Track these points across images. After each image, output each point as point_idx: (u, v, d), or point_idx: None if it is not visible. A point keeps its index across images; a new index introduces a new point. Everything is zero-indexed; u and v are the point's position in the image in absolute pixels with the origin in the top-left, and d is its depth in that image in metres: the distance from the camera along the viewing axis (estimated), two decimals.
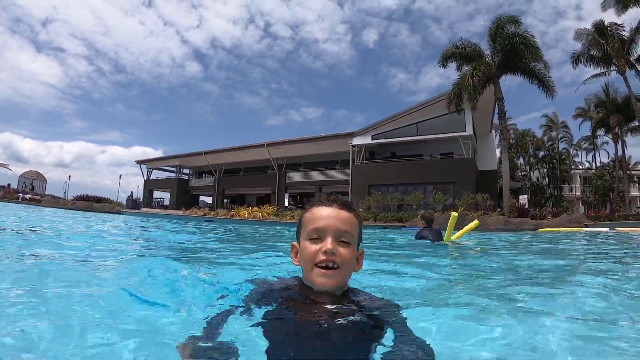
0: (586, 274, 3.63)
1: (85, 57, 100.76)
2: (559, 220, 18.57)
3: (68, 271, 2.83)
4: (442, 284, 3.09)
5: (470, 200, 25.21)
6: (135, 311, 1.85)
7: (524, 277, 3.62)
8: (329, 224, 1.58)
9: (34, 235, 6.47)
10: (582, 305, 2.21)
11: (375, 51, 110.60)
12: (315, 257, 1.55)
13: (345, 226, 1.60)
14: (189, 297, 2.06)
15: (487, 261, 5.03)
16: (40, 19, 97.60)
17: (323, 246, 1.55)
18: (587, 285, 2.84)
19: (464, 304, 2.25)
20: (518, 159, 57.64)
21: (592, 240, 10.09)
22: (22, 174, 48.32)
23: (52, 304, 1.93)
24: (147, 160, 56.54)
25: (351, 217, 1.64)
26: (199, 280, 2.36)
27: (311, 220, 1.63)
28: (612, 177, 45.19)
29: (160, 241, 7.31)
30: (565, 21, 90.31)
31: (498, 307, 2.17)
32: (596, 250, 7.40)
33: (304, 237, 1.63)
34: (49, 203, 31.14)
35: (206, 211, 30.91)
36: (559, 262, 4.91)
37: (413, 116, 33.56)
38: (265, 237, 10.37)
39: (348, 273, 1.61)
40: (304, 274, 1.64)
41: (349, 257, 1.59)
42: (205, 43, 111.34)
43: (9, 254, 3.35)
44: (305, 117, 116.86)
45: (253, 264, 3.74)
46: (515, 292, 2.60)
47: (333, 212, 1.61)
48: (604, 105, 37.57)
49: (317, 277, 1.55)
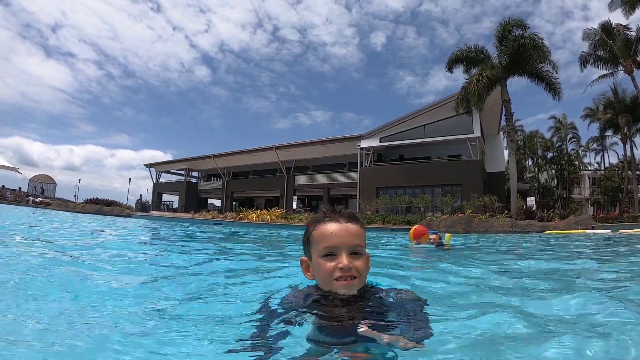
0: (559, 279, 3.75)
1: (95, 61, 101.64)
2: (565, 222, 18.57)
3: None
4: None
5: (478, 203, 25.18)
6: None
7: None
8: (340, 241, 1.64)
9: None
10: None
11: (383, 54, 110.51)
12: (333, 273, 1.62)
13: (356, 240, 1.67)
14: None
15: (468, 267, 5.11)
16: (49, 24, 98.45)
17: (339, 263, 1.61)
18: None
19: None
20: (526, 160, 57.36)
21: (587, 242, 10.14)
22: (32, 177, 49.02)
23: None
24: (156, 164, 56.96)
25: (359, 229, 1.71)
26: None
27: (322, 238, 1.67)
28: (621, 178, 44.96)
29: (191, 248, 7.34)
30: (572, 22, 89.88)
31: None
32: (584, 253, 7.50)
33: (317, 254, 1.68)
34: (59, 206, 31.52)
35: (215, 214, 31.12)
36: (544, 266, 5.04)
37: (420, 118, 33.59)
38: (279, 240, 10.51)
39: (364, 278, 1.70)
40: (322, 286, 1.70)
41: (363, 266, 1.67)
42: (213, 47, 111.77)
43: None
44: (314, 120, 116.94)
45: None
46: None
47: (342, 227, 1.67)
48: (612, 106, 37.43)
49: (339, 289, 1.63)
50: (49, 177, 51.21)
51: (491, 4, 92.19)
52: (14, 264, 3.24)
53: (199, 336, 1.72)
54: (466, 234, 16.92)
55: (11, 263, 3.28)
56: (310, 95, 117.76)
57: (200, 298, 2.51)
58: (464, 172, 30.86)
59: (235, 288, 2.86)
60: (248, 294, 2.58)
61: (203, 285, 2.93)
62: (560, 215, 23.26)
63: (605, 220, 24.77)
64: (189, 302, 2.39)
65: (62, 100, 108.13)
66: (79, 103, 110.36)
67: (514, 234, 16.10)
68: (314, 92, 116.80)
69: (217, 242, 9.07)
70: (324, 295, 1.68)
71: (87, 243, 6.14)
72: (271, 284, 2.88)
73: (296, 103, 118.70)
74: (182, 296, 2.53)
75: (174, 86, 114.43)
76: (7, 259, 3.47)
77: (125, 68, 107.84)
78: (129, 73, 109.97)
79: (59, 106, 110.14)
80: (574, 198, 53.97)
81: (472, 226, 19.08)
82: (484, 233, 17.33)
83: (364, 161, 36.49)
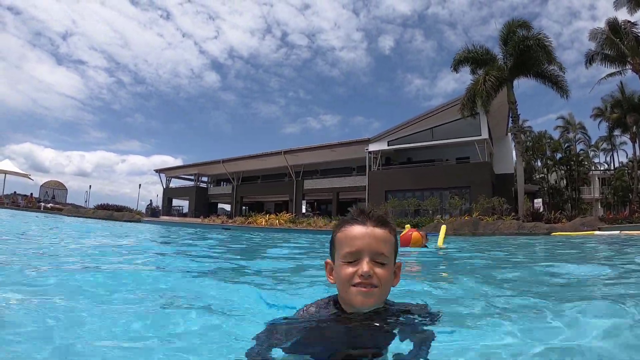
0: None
1: (106, 69, 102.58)
2: (572, 224, 18.60)
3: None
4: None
5: (487, 205, 25.19)
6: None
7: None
8: (364, 245, 1.54)
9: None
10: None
11: (391, 57, 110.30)
12: (352, 279, 1.52)
13: (381, 247, 1.56)
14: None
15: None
16: (59, 32, 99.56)
17: (359, 269, 1.51)
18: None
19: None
20: (535, 161, 57.04)
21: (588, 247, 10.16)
22: (44, 183, 49.79)
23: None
24: (165, 169, 57.54)
25: (387, 235, 1.60)
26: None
27: (345, 241, 1.58)
28: (631, 178, 44.59)
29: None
30: (580, 22, 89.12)
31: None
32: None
33: (339, 258, 1.59)
34: (70, 212, 32.00)
35: (224, 219, 31.42)
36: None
37: (428, 121, 33.65)
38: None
39: (386, 290, 1.59)
40: (340, 294, 1.62)
41: (387, 277, 1.55)
42: (222, 53, 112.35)
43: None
44: (323, 124, 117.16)
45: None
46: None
47: (368, 231, 1.57)
48: (620, 105, 37.19)
49: (355, 297, 1.52)
50: (60, 183, 51.96)
51: (499, 6, 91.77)
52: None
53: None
54: (473, 236, 17.03)
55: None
56: (320, 100, 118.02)
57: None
58: (472, 175, 30.88)
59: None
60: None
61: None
62: (567, 216, 23.19)
63: (614, 220, 24.65)
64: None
65: (73, 107, 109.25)
66: (90, 110, 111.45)
67: (521, 236, 16.17)
68: (323, 97, 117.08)
69: (227, 246, 9.26)
70: (342, 309, 1.62)
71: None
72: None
73: (305, 107, 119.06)
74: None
75: (184, 92, 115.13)
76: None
77: (135, 75, 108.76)
78: (140, 80, 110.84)
79: (69, 113, 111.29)
80: (583, 199, 53.52)
81: (479, 229, 19.17)
82: (490, 235, 17.43)
83: (372, 165, 36.61)
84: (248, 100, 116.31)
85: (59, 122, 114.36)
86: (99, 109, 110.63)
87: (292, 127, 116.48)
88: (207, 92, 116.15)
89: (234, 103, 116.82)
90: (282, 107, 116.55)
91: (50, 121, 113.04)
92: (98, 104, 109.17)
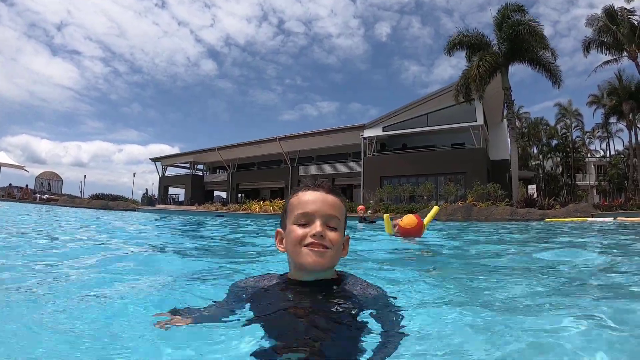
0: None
1: (101, 59, 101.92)
2: (565, 210, 18.57)
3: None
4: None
5: (482, 191, 25.14)
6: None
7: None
8: (317, 208, 1.56)
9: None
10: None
11: (388, 44, 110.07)
12: (304, 240, 1.53)
13: (334, 211, 1.59)
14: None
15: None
16: (54, 23, 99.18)
17: (312, 230, 1.53)
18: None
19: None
20: (531, 148, 57.04)
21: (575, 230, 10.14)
22: (39, 175, 49.62)
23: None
24: (161, 158, 57.40)
25: (339, 202, 1.64)
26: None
27: (298, 204, 1.60)
28: (627, 165, 44.61)
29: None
30: (577, 9, 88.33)
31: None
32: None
33: (291, 221, 1.60)
34: (65, 202, 31.84)
35: (218, 206, 31.36)
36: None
37: (423, 107, 33.53)
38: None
39: (337, 256, 1.59)
40: (292, 259, 1.62)
41: (338, 241, 1.58)
42: (219, 41, 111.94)
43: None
44: (320, 111, 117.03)
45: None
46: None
47: (321, 196, 1.60)
48: (617, 93, 37.02)
49: (307, 257, 1.52)
50: (56, 174, 51.81)
51: None
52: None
53: None
54: (466, 221, 16.99)
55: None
56: (317, 87, 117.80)
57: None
58: (467, 161, 30.87)
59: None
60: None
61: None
62: (560, 202, 23.19)
63: (609, 207, 24.69)
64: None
65: (70, 98, 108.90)
66: (87, 100, 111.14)
67: (514, 222, 16.15)
68: (320, 84, 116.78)
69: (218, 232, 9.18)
70: (291, 280, 1.64)
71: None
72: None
73: (302, 95, 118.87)
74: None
75: (180, 81, 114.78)
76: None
77: (131, 64, 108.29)
78: (136, 69, 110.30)
79: (66, 104, 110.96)
80: (579, 186, 53.60)
81: (472, 214, 19.14)
82: (483, 221, 17.38)
83: (367, 151, 36.55)
84: (245, 87, 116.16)
85: (56, 114, 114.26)
86: (95, 99, 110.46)
87: (289, 114, 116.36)
88: (204, 81, 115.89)
89: (231, 91, 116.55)
90: (279, 95, 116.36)
91: (48, 113, 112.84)
92: (95, 94, 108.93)
